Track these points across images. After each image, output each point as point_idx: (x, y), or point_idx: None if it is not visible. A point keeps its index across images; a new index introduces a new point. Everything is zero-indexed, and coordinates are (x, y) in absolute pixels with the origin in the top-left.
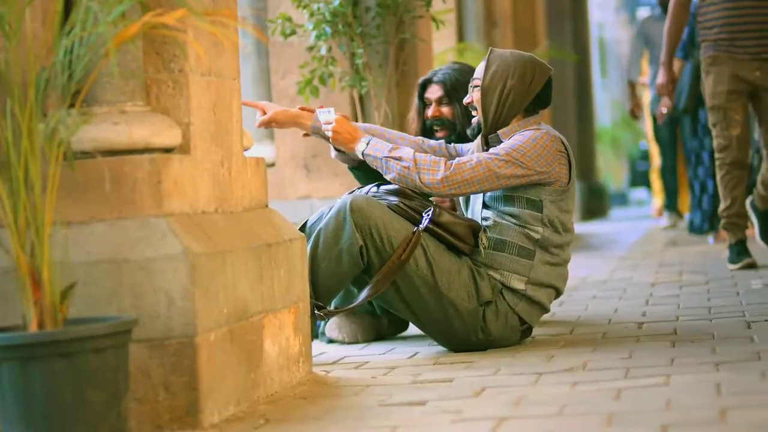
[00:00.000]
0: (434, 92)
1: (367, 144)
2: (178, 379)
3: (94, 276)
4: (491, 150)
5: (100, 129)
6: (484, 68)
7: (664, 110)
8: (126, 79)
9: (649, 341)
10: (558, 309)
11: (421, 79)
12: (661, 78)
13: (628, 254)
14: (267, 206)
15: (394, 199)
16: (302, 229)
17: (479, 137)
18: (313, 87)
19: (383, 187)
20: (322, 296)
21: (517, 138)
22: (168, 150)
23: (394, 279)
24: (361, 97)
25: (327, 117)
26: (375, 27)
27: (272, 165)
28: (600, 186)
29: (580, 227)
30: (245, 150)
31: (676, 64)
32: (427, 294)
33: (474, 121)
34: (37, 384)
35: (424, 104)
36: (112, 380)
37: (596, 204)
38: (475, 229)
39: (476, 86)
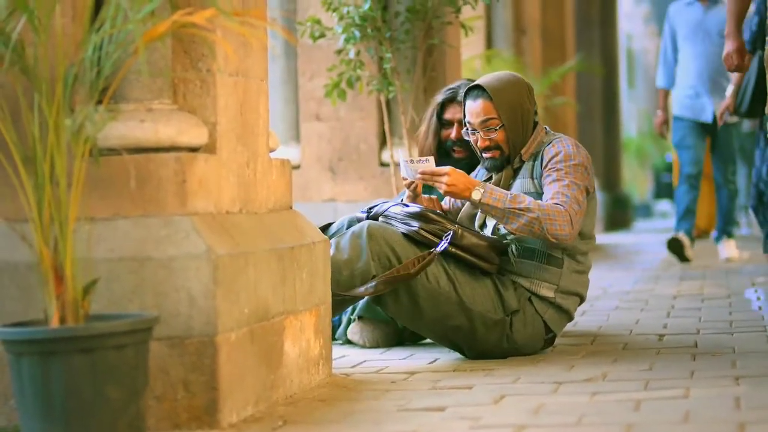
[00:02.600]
0: (458, 113)
1: (483, 192)
2: (197, 378)
3: (116, 273)
4: (552, 183)
5: (127, 126)
6: (494, 107)
7: (727, 117)
8: (154, 77)
9: (669, 353)
10: (580, 319)
11: (440, 98)
12: (728, 47)
13: (650, 266)
14: (291, 208)
15: (415, 224)
16: (323, 231)
17: (503, 171)
18: (340, 90)
19: (405, 210)
20: None
21: (557, 160)
22: (194, 149)
23: (415, 301)
24: (388, 102)
25: (425, 166)
26: (404, 32)
27: (297, 167)
28: (624, 197)
29: (604, 238)
30: (271, 151)
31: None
32: (453, 311)
33: (488, 158)
34: (56, 379)
35: (441, 123)
36: (132, 377)
37: (620, 215)
38: (498, 247)
39: (494, 127)
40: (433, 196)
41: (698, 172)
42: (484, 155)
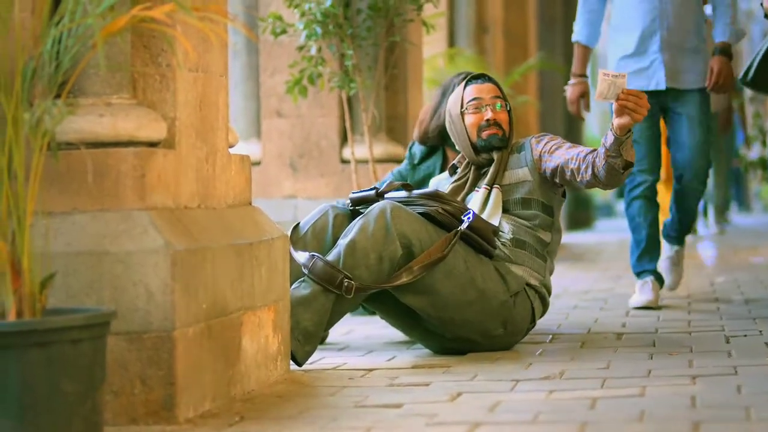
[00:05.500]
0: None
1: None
2: (154, 373)
3: (74, 267)
4: (571, 149)
5: (86, 120)
6: (501, 92)
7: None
8: (113, 71)
9: (627, 352)
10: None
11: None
12: None
13: (611, 265)
14: (250, 204)
15: (434, 204)
16: (295, 228)
17: (498, 152)
18: (301, 87)
19: (417, 191)
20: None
21: (557, 141)
22: (153, 144)
23: (434, 281)
24: (349, 99)
25: (623, 83)
26: (366, 29)
27: (258, 163)
28: (586, 196)
29: (566, 237)
30: (230, 147)
31: None
32: (466, 293)
33: (491, 134)
34: (12, 373)
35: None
36: (88, 372)
37: (582, 214)
38: (496, 233)
39: (503, 104)
40: (394, 182)
41: (653, 179)
42: (486, 132)
